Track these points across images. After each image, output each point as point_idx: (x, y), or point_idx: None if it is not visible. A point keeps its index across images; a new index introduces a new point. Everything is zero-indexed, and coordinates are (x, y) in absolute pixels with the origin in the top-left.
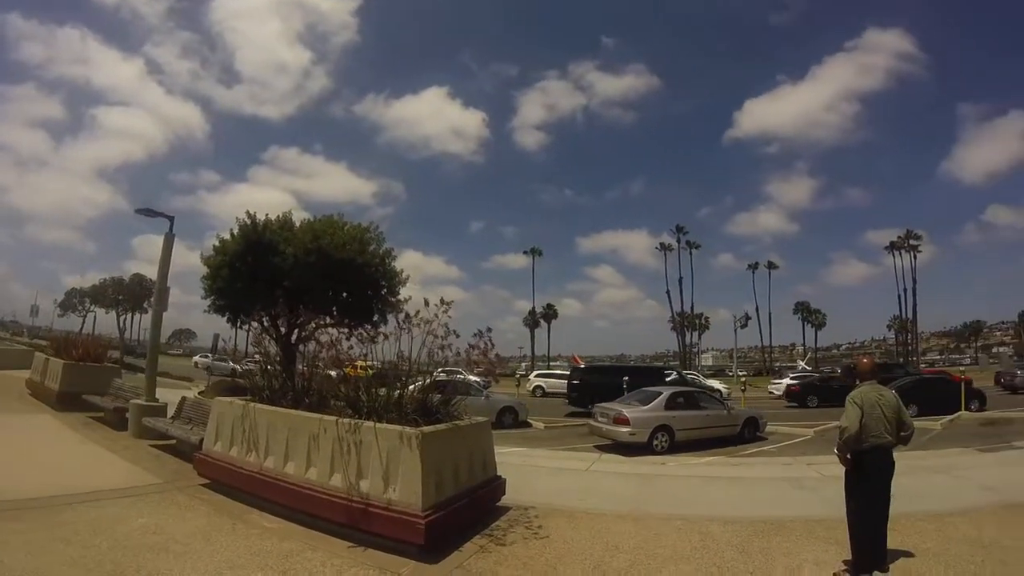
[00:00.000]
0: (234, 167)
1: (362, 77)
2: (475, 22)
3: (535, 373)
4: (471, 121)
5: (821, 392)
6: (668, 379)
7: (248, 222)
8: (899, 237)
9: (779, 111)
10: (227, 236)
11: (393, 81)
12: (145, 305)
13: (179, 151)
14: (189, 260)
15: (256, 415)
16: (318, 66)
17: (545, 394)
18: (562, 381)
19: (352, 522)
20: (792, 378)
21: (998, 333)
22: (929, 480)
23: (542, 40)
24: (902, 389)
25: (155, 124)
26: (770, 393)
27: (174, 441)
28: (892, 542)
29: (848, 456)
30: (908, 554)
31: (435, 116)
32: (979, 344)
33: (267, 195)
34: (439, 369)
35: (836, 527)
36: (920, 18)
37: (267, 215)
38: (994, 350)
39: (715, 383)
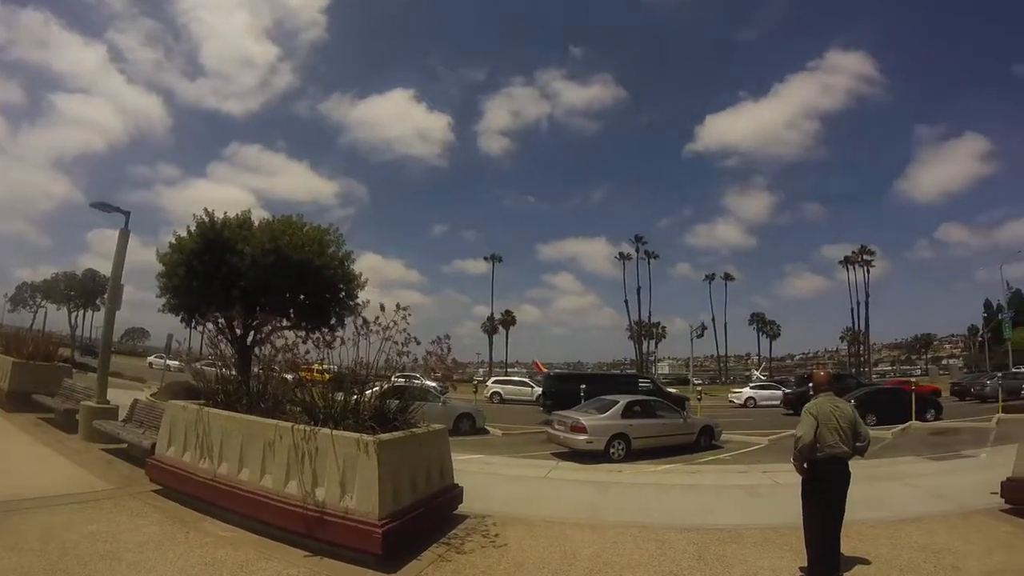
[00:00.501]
0: (194, 162)
1: (328, 75)
2: (444, 25)
3: (492, 379)
4: (436, 124)
5: None
6: (642, 387)
7: (206, 220)
8: (853, 252)
9: (740, 126)
10: (184, 233)
11: (359, 81)
12: (98, 302)
13: (139, 143)
14: (144, 256)
15: (210, 420)
16: (284, 62)
17: (503, 400)
18: (520, 388)
19: (308, 531)
20: (753, 386)
21: (948, 346)
22: (881, 488)
23: (510, 46)
24: (860, 398)
25: (115, 114)
26: (730, 402)
27: (126, 445)
28: (846, 549)
29: (804, 465)
30: (862, 561)
31: (400, 118)
32: (930, 356)
33: (227, 192)
34: (396, 374)
35: (791, 534)
36: (881, 42)
37: (225, 213)
38: (944, 362)
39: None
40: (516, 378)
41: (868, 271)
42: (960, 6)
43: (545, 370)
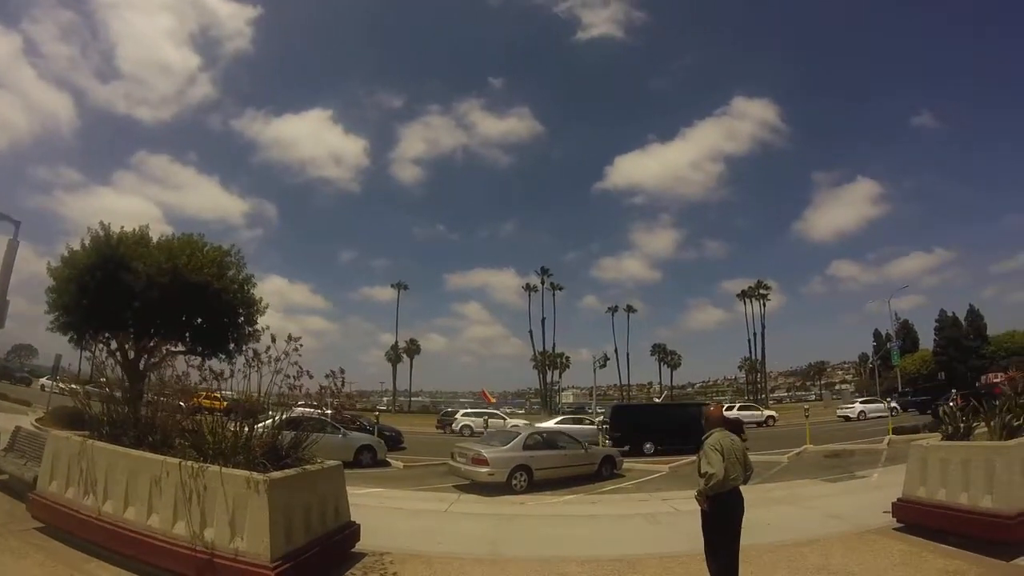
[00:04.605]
0: (98, 169)
1: (248, 89)
2: (367, 48)
3: (462, 412)
4: (352, 148)
5: None
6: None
7: (101, 234)
8: (751, 286)
9: (647, 166)
10: (77, 247)
11: (277, 97)
12: None
13: (43, 144)
14: (38, 267)
15: (94, 453)
16: (204, 73)
17: (472, 433)
18: (495, 421)
19: (198, 574)
20: (861, 401)
21: (840, 372)
22: (777, 511)
23: (430, 74)
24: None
25: (21, 110)
26: (842, 417)
27: (6, 477)
28: (744, 574)
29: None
30: None
31: (315, 138)
32: (823, 382)
33: (131, 203)
34: (294, 404)
35: (690, 563)
36: (783, 91)
37: (122, 227)
38: (837, 387)
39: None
40: (489, 410)
41: (764, 304)
42: (854, 58)
43: (494, 400)
